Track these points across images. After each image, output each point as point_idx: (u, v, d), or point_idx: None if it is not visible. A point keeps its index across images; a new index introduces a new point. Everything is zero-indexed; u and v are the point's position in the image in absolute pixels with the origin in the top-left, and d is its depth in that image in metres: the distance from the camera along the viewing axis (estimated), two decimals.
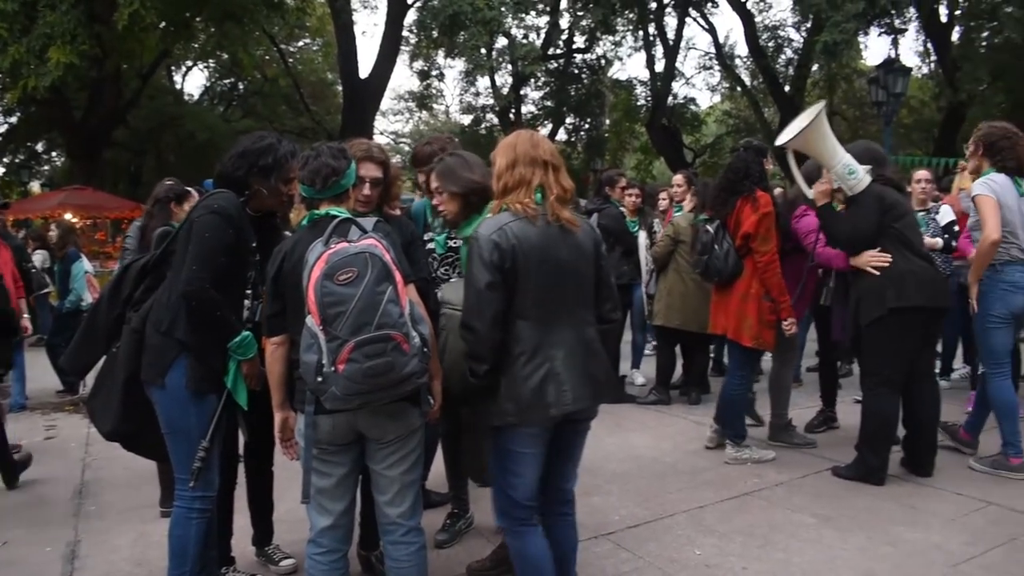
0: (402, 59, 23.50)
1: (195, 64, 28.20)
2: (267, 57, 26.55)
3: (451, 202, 3.32)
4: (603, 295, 3.00)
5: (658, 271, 6.75)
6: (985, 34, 17.25)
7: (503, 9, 16.97)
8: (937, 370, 7.04)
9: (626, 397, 6.90)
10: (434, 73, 24.26)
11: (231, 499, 3.63)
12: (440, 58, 22.52)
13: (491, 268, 2.72)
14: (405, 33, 21.64)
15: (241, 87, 29.17)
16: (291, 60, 27.28)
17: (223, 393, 3.12)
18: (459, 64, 22.46)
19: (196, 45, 23.12)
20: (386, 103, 31.88)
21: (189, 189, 5.17)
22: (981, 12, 15.98)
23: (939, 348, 7.22)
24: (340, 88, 24.98)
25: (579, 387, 2.79)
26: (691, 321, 6.26)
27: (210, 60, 27.20)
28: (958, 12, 19.07)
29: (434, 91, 26.15)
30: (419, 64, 23.98)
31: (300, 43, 29.26)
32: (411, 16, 20.51)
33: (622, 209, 6.96)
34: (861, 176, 4.65)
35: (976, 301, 4.83)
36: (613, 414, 6.38)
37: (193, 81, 55.93)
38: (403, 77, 71.51)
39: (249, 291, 3.24)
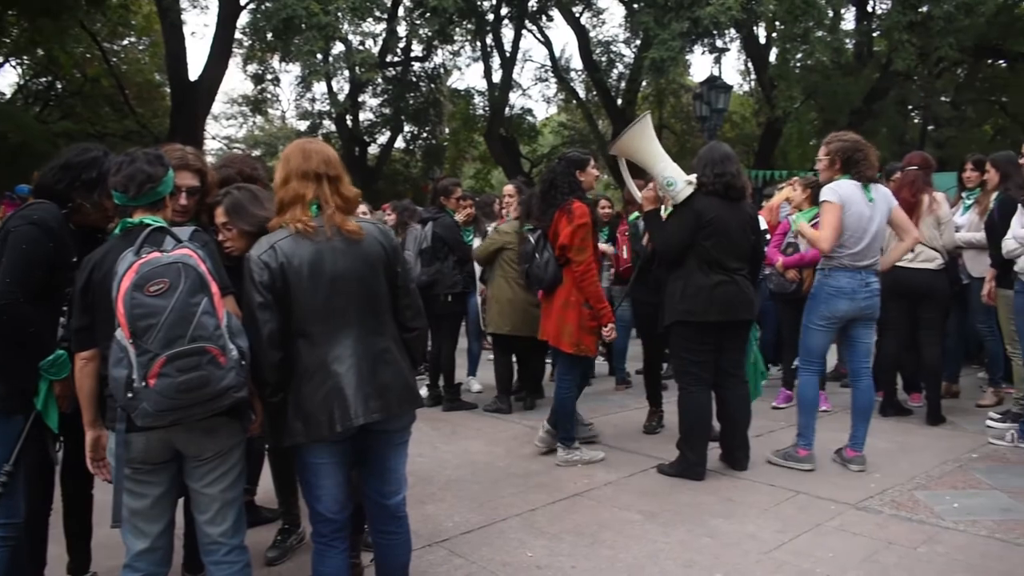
0: (235, 62, 22.74)
1: (7, 60, 26.25)
2: (88, 56, 25.03)
3: (240, 239, 3.19)
4: (402, 303, 2.99)
5: (482, 276, 6.81)
6: (799, 56, 18.43)
7: (339, 15, 16.68)
8: None
9: (466, 404, 6.96)
10: (269, 77, 23.61)
11: (45, 526, 3.39)
12: (275, 62, 21.89)
13: (260, 288, 2.70)
14: (238, 35, 20.85)
15: (59, 86, 27.33)
16: (115, 60, 25.71)
17: (30, 413, 2.93)
18: (295, 69, 21.96)
19: (8, 40, 21.60)
20: (218, 107, 30.78)
21: None
22: (794, 35, 17.01)
23: None
24: (168, 90, 23.89)
25: (368, 400, 2.76)
26: (521, 327, 6.32)
27: (24, 57, 25.41)
28: (774, 35, 20.34)
29: (269, 96, 25.51)
30: (253, 67, 23.26)
31: (125, 42, 27.70)
32: (244, 18, 19.83)
33: (456, 218, 7.00)
34: (680, 187, 4.84)
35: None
36: (449, 422, 6.44)
37: (5, 79, 52.00)
38: (236, 80, 69.29)
39: (65, 308, 3.06)
